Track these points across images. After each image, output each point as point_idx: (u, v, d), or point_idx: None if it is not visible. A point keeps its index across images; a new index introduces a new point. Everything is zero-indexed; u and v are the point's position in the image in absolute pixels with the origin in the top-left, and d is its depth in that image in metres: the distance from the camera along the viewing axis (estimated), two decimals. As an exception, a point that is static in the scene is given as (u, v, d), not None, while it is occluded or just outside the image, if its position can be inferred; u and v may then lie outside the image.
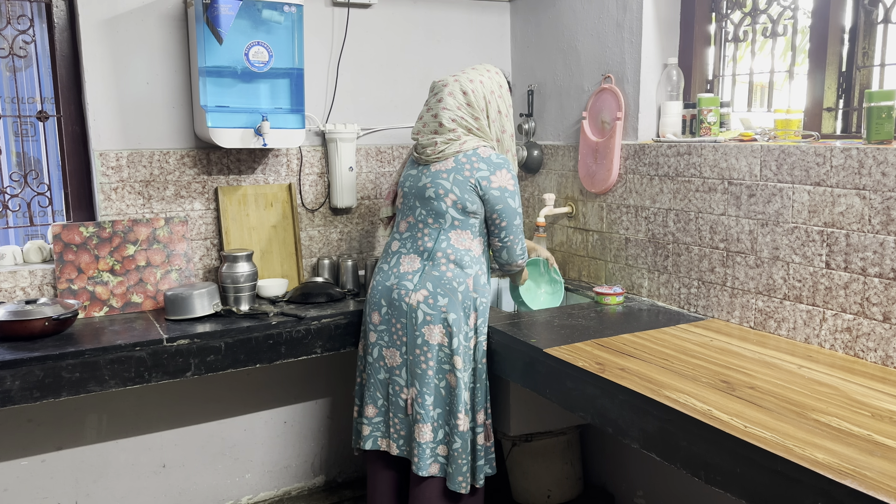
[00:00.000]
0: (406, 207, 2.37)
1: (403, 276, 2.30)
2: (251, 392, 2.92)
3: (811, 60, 2.21)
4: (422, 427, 2.25)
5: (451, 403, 2.25)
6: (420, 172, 2.33)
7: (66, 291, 2.44)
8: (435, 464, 2.28)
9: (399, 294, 2.28)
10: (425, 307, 2.24)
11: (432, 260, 2.28)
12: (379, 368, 2.36)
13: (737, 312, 2.26)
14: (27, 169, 2.70)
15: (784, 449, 1.39)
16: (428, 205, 2.29)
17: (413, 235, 2.34)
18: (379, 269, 2.40)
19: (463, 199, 2.24)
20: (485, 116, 2.31)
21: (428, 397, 2.25)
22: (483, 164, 2.24)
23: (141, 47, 2.55)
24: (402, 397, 2.31)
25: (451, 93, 2.29)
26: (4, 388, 2.00)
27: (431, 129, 2.30)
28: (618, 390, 1.76)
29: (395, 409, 2.33)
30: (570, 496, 2.84)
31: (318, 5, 2.83)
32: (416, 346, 2.26)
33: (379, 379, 2.36)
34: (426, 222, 2.31)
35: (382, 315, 2.33)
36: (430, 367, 2.24)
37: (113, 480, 2.72)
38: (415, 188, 2.33)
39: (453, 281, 2.25)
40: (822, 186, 1.97)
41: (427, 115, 2.33)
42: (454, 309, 2.23)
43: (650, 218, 2.54)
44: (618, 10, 2.62)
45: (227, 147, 2.52)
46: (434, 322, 2.23)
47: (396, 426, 2.34)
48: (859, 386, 1.73)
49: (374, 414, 2.38)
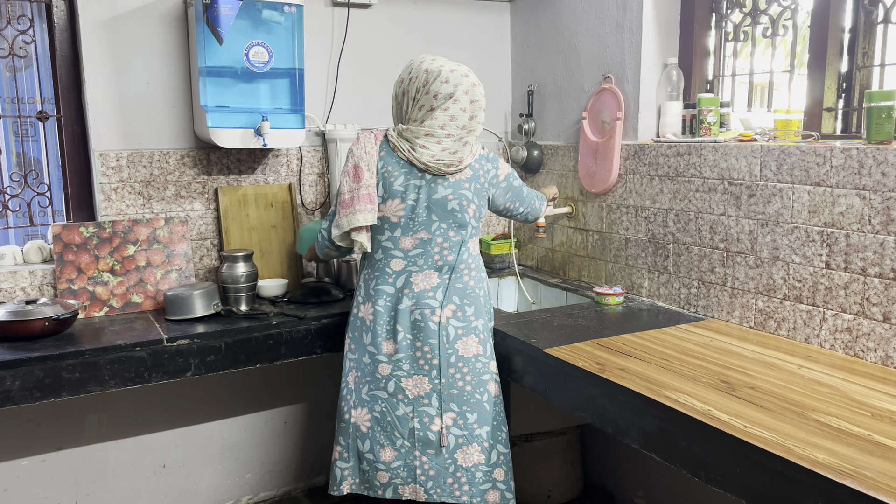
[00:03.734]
0: (414, 223, 2.12)
1: (422, 294, 2.13)
2: (251, 392, 2.92)
3: (811, 60, 2.21)
4: (467, 450, 2.10)
5: (496, 415, 2.15)
6: (432, 183, 2.11)
7: (66, 291, 2.44)
8: (493, 490, 2.12)
9: (423, 314, 2.11)
10: (455, 322, 2.13)
11: (454, 273, 2.16)
12: (397, 404, 2.13)
13: (737, 312, 2.26)
14: (27, 169, 2.70)
15: (784, 449, 1.39)
16: (450, 217, 2.13)
17: (427, 252, 2.14)
18: (376, 292, 2.16)
19: (479, 207, 2.19)
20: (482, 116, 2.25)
21: (470, 416, 2.11)
22: (489, 164, 2.22)
23: (141, 47, 2.55)
24: (434, 430, 2.11)
25: (475, 84, 2.13)
26: (4, 388, 2.00)
27: (460, 125, 2.10)
28: (618, 390, 1.76)
29: (424, 446, 2.12)
30: (570, 496, 2.84)
31: (318, 5, 2.83)
32: (450, 366, 2.11)
33: (397, 416, 2.13)
34: (446, 236, 2.14)
35: (400, 341, 2.12)
36: (468, 381, 2.12)
37: (113, 480, 2.72)
38: (429, 200, 2.11)
39: (476, 289, 2.19)
40: (822, 186, 1.97)
41: (451, 125, 2.09)
42: (480, 315, 2.18)
43: (650, 218, 2.54)
44: (618, 11, 2.62)
45: (227, 147, 2.51)
46: (466, 334, 2.13)
47: (424, 467, 2.12)
48: (859, 386, 1.73)
49: (394, 457, 2.13)
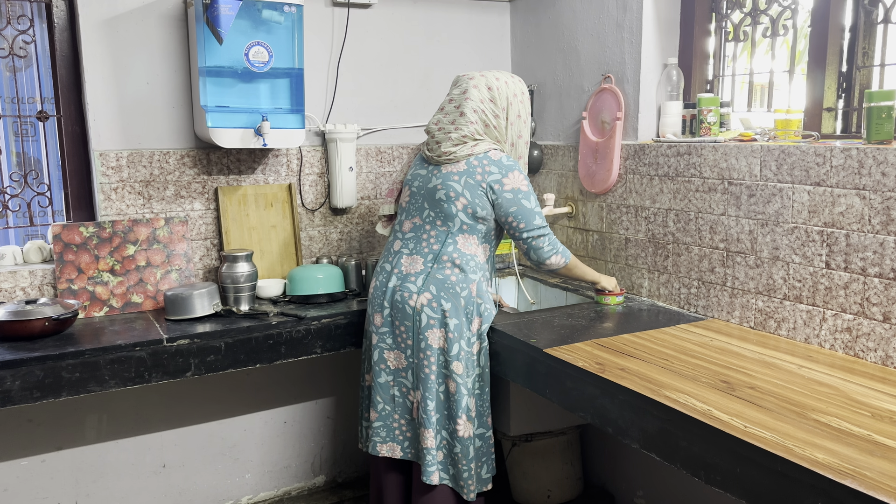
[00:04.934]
0: (413, 207, 2.34)
1: (406, 277, 2.27)
2: (251, 392, 2.92)
3: (811, 60, 2.21)
4: (425, 432, 2.23)
5: (450, 409, 2.23)
6: (430, 173, 2.30)
7: (66, 291, 2.44)
8: (437, 472, 2.25)
9: (402, 296, 2.26)
10: (429, 310, 2.22)
11: (437, 263, 2.25)
12: (380, 371, 2.32)
13: (737, 312, 2.26)
14: (27, 169, 2.70)
15: (784, 449, 1.39)
16: (437, 207, 2.26)
17: (418, 237, 2.31)
18: (381, 269, 2.37)
19: (473, 204, 2.22)
20: (504, 116, 2.30)
21: (430, 402, 2.23)
22: (494, 167, 2.22)
23: (141, 47, 2.55)
24: (411, 399, 2.30)
25: (477, 86, 2.27)
26: (4, 388, 2.01)
27: (450, 120, 2.27)
28: (618, 390, 1.76)
29: (403, 411, 2.31)
30: (570, 496, 2.84)
31: (318, 5, 2.83)
32: (419, 350, 2.24)
33: (380, 382, 2.33)
34: (434, 224, 2.28)
35: (385, 317, 2.31)
36: (433, 370, 2.22)
37: (113, 480, 2.72)
38: (424, 188, 2.30)
39: (456, 286, 2.23)
40: (822, 186, 1.97)
41: (449, 105, 2.30)
42: (456, 314, 2.22)
43: (650, 218, 2.54)
44: (618, 10, 2.62)
45: (227, 147, 2.52)
46: (436, 326, 2.22)
47: (403, 428, 2.32)
48: (859, 386, 1.73)
49: (375, 418, 2.35)
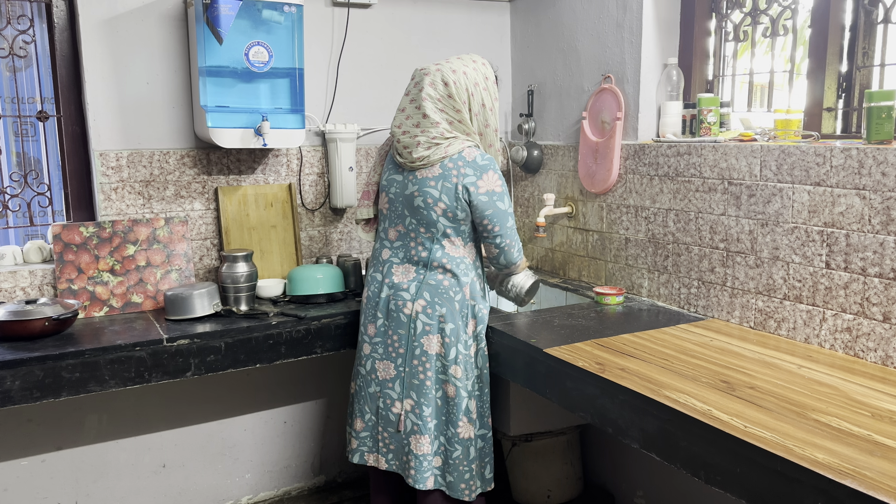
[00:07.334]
0: (394, 214, 2.28)
1: (399, 286, 2.25)
2: (251, 392, 2.92)
3: (811, 60, 2.21)
4: (420, 439, 2.22)
5: (449, 413, 2.23)
6: (406, 179, 2.22)
7: (66, 291, 2.44)
8: (431, 476, 2.24)
9: (397, 305, 2.24)
10: (424, 317, 2.21)
11: (428, 269, 2.23)
12: (370, 381, 2.32)
13: (737, 312, 2.26)
14: (27, 169, 2.70)
15: (784, 449, 1.39)
16: (418, 214, 2.21)
17: (405, 245, 2.27)
18: (371, 279, 2.34)
19: (453, 207, 2.17)
20: (466, 109, 2.19)
21: (426, 408, 2.22)
22: (469, 169, 2.16)
23: (141, 47, 2.55)
24: (394, 411, 2.27)
25: (433, 83, 2.17)
26: (4, 388, 2.00)
27: (414, 123, 2.18)
28: (618, 390, 1.76)
29: (385, 423, 2.30)
30: (570, 496, 2.84)
31: (318, 5, 2.83)
32: (414, 357, 2.22)
33: (369, 392, 2.33)
34: (418, 231, 2.24)
35: (378, 327, 2.29)
36: (429, 377, 2.21)
37: (113, 480, 2.72)
38: (402, 195, 2.24)
39: (450, 290, 2.22)
40: (822, 186, 1.97)
41: (410, 106, 2.20)
42: (452, 318, 2.21)
43: (650, 218, 2.54)
44: (618, 10, 2.62)
45: (227, 147, 2.52)
46: (432, 332, 2.21)
47: (386, 440, 2.31)
48: (859, 386, 1.73)
49: (362, 428, 2.35)
